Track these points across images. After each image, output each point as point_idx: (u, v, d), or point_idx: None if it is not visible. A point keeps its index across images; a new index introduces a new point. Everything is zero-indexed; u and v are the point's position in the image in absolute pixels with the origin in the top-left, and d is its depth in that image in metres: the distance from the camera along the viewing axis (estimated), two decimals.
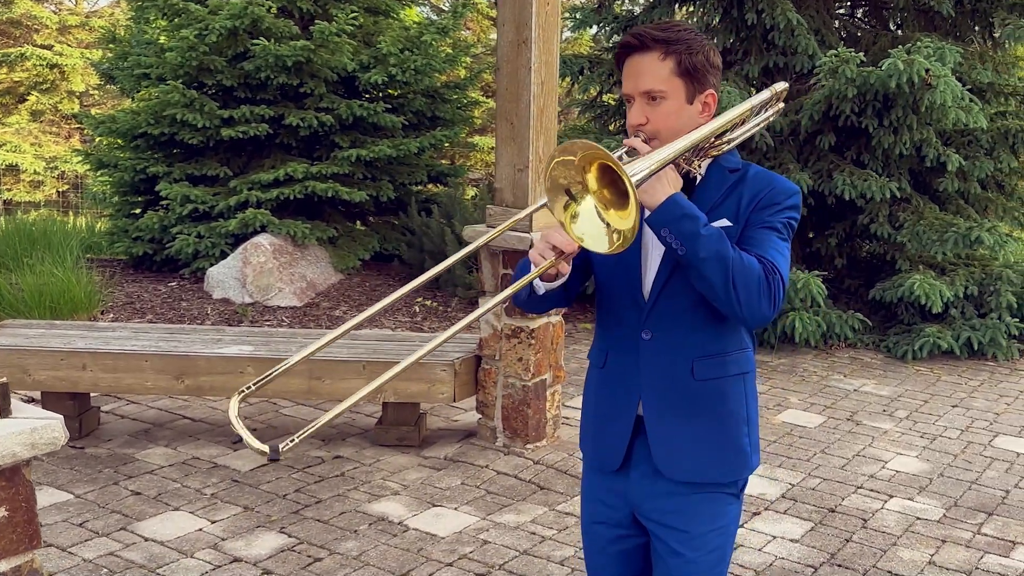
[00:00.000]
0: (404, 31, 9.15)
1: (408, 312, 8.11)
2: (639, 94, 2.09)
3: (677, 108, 2.09)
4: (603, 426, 2.28)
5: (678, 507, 2.20)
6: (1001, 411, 6.04)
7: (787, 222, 2.13)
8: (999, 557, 4.12)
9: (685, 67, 2.07)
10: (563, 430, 5.36)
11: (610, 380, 2.25)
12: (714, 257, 1.97)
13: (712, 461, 2.19)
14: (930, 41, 6.50)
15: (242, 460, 4.89)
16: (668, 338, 2.16)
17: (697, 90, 2.11)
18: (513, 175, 4.96)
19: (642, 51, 2.08)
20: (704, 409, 2.18)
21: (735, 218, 2.12)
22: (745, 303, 2.00)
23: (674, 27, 2.10)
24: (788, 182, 2.19)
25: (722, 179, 2.17)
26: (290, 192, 8.50)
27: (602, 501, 2.32)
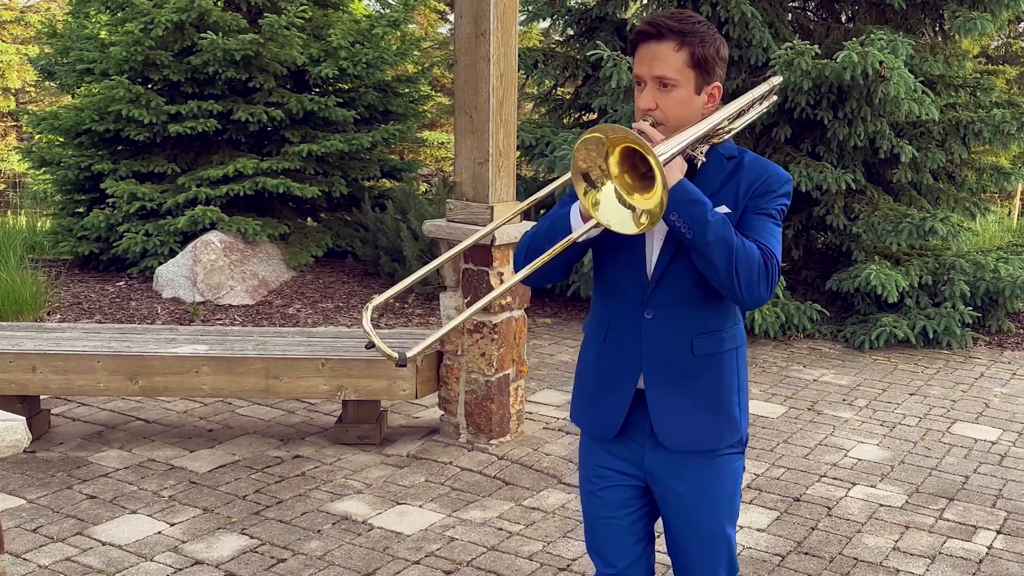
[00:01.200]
0: (354, 24, 9.05)
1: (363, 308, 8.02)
2: (651, 78, 2.18)
3: (686, 97, 2.19)
4: (601, 397, 2.38)
5: (688, 471, 2.33)
6: (958, 398, 6.11)
7: (780, 209, 2.27)
8: (961, 541, 4.16)
9: (697, 59, 2.16)
10: (527, 425, 5.32)
11: (610, 354, 2.35)
12: (720, 242, 2.08)
13: (708, 429, 2.32)
14: (883, 34, 6.56)
15: (199, 461, 4.78)
16: (669, 317, 2.27)
17: (705, 81, 2.20)
18: (473, 168, 4.90)
19: (658, 39, 2.17)
20: (701, 383, 2.30)
21: (734, 204, 2.23)
22: (746, 286, 2.12)
23: (689, 19, 2.19)
24: (781, 170, 2.30)
25: (720, 166, 2.27)
26: (240, 188, 8.36)
27: (611, 469, 2.40)
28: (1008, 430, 5.55)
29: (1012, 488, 4.73)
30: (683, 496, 2.35)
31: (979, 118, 7.14)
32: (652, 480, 2.38)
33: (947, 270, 7.09)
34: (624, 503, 2.42)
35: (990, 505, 4.53)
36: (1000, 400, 6.10)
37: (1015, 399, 6.13)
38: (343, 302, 8.21)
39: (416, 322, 7.71)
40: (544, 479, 4.69)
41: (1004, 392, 6.27)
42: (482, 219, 4.86)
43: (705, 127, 2.16)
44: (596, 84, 8.20)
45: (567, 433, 5.28)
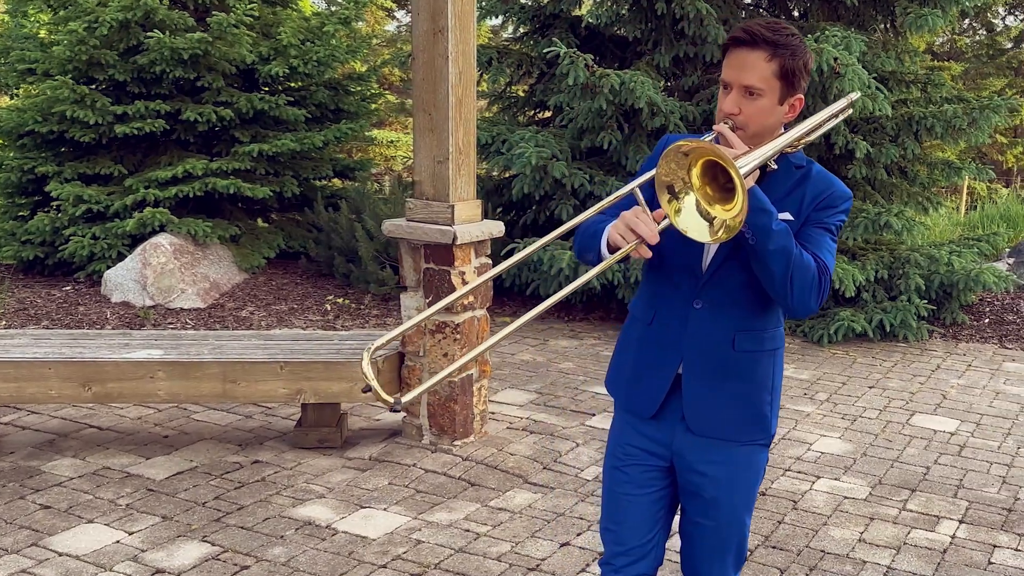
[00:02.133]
0: (304, 22, 8.93)
1: (319, 311, 7.92)
2: (739, 86, 2.22)
3: (770, 107, 2.24)
4: (642, 377, 2.44)
5: (717, 456, 2.39)
6: (916, 390, 6.18)
7: (839, 224, 2.34)
8: (925, 532, 4.20)
9: (786, 70, 2.21)
10: (491, 425, 5.28)
11: (655, 338, 2.42)
12: (780, 251, 2.15)
13: (736, 423, 2.38)
14: (837, 30, 6.61)
15: (156, 468, 4.67)
16: (717, 310, 2.34)
17: (790, 93, 2.26)
18: (433, 167, 4.84)
19: (751, 47, 2.21)
20: (737, 377, 2.36)
21: (797, 214, 2.29)
22: (798, 296, 2.20)
23: (783, 30, 2.23)
24: (844, 187, 2.37)
25: (789, 174, 2.32)
26: (189, 190, 8.22)
27: (640, 448, 2.46)
28: (966, 421, 5.62)
29: (972, 478, 4.79)
30: (706, 478, 2.41)
31: (931, 113, 7.23)
32: (678, 460, 2.44)
33: (902, 264, 7.17)
34: (647, 482, 2.47)
35: (951, 495, 4.58)
36: (957, 392, 6.18)
37: (971, 390, 6.21)
38: (297, 304, 8.10)
39: (373, 323, 7.62)
40: (510, 479, 4.64)
41: (960, 384, 6.35)
42: (443, 218, 4.80)
43: (785, 141, 2.23)
44: (551, 81, 8.17)
45: (531, 433, 5.25)
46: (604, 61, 7.97)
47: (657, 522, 2.50)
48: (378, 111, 10.43)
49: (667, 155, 2.05)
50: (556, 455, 4.94)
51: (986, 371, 6.65)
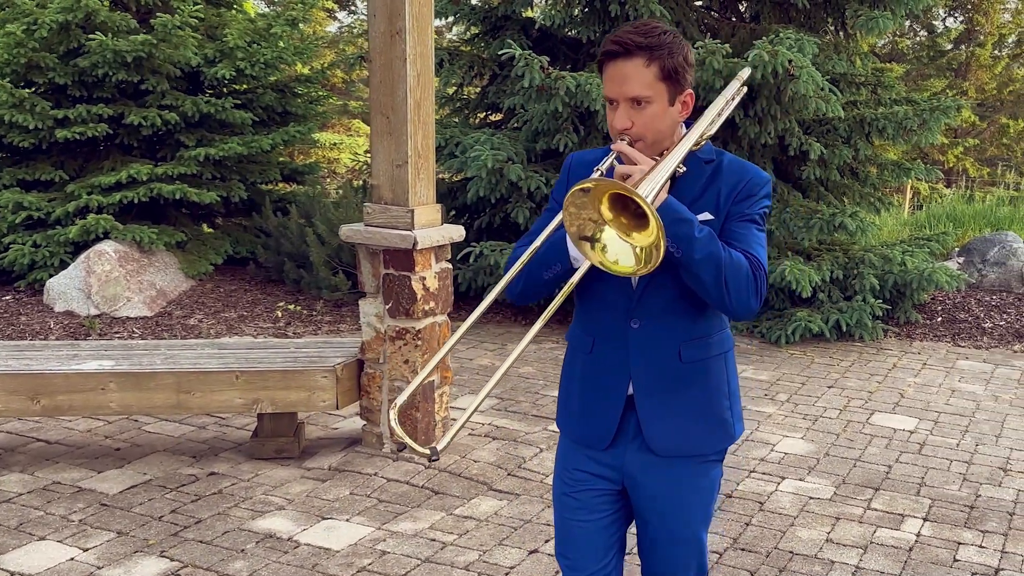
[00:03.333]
0: (250, 23, 8.77)
1: (270, 318, 7.77)
2: (625, 99, 2.14)
3: (661, 111, 2.15)
4: (592, 407, 2.35)
5: (668, 476, 2.31)
6: (874, 389, 6.22)
7: (763, 212, 2.25)
8: (891, 531, 4.21)
9: (668, 71, 2.12)
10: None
11: (599, 365, 2.32)
12: (708, 258, 2.06)
13: (699, 435, 2.31)
14: (791, 33, 6.65)
15: (108, 482, 4.53)
16: (656, 326, 2.25)
17: (678, 91, 2.17)
18: (391, 171, 4.76)
19: (626, 57, 2.12)
20: (690, 388, 2.28)
21: (716, 211, 2.20)
22: (735, 299, 2.11)
23: (653, 30, 2.14)
24: (760, 171, 2.28)
25: (700, 171, 2.23)
26: (134, 195, 8.03)
27: (590, 474, 2.37)
28: (924, 419, 5.67)
29: (933, 476, 4.82)
30: (661, 501, 2.33)
31: (882, 115, 7.30)
32: (631, 484, 2.36)
33: (856, 264, 7.24)
34: (599, 507, 2.39)
35: (914, 493, 4.60)
36: (914, 390, 6.23)
37: (927, 388, 6.27)
38: (247, 311, 7.94)
39: (326, 329, 7.50)
40: (474, 486, 4.57)
41: (917, 382, 6.41)
42: (402, 223, 4.72)
43: (688, 144, 2.15)
44: (504, 83, 8.13)
45: (494, 439, 5.18)
46: (557, 63, 7.94)
47: (612, 546, 2.43)
48: (325, 114, 10.28)
49: (568, 203, 1.96)
50: (520, 461, 4.88)
51: (941, 369, 6.73)
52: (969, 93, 20.02)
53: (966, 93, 19.99)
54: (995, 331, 7.63)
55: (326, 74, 9.92)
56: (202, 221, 9.32)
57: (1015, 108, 20.43)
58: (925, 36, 20.77)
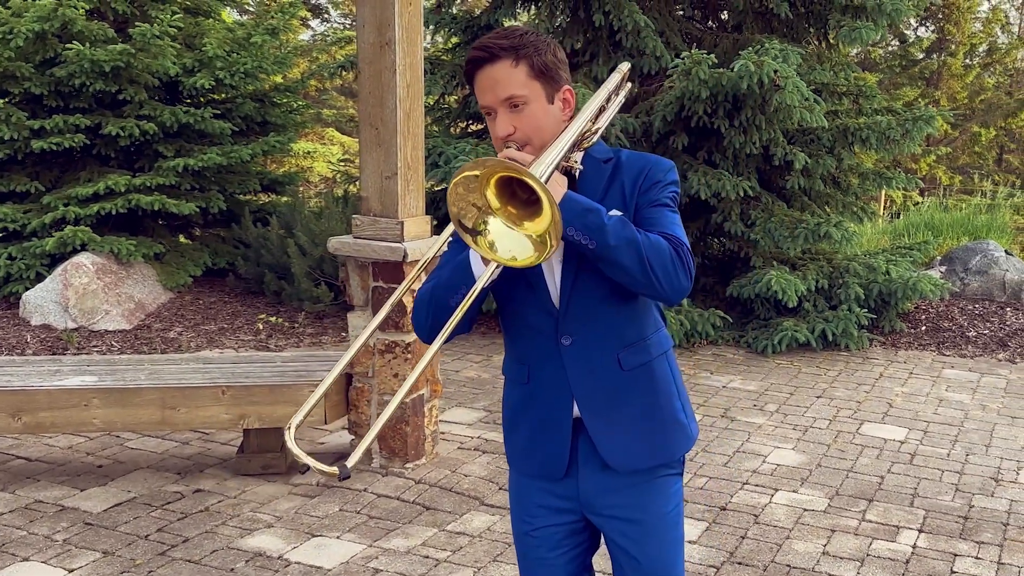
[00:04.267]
0: (229, 32, 8.68)
1: (251, 330, 7.68)
2: (500, 103, 2.06)
3: (541, 110, 2.07)
4: (540, 438, 2.24)
5: (630, 499, 2.22)
6: (862, 399, 6.22)
7: (672, 196, 2.15)
8: (887, 542, 4.19)
9: (538, 68, 2.06)
10: (442, 446, 5.15)
11: (538, 393, 2.22)
12: (624, 243, 1.96)
13: (657, 443, 2.21)
14: (776, 43, 6.65)
15: (92, 501, 4.44)
16: (588, 338, 2.15)
17: (554, 88, 2.10)
18: (381, 183, 4.71)
19: (492, 61, 2.05)
20: (637, 395, 2.18)
21: (623, 206, 2.11)
22: (664, 280, 2.00)
23: (515, 32, 2.08)
24: (661, 158, 2.18)
25: (598, 171, 2.15)
26: (111, 207, 7.92)
27: (547, 507, 2.28)
28: (914, 428, 5.67)
29: (926, 486, 4.81)
30: (623, 529, 2.24)
31: (865, 125, 7.32)
32: (590, 512, 2.26)
33: (841, 274, 7.24)
34: (560, 542, 2.30)
35: (908, 504, 4.59)
36: (902, 400, 6.24)
37: (915, 397, 6.28)
38: (227, 323, 7.85)
39: (308, 342, 7.42)
40: (466, 501, 4.52)
41: (904, 391, 6.41)
42: (392, 235, 4.67)
43: (573, 133, 2.05)
44: None
45: (484, 452, 5.13)
46: None
47: (582, 569, 2.37)
48: (306, 123, 10.20)
49: (454, 186, 1.86)
50: (500, 471, 4.83)
51: (927, 378, 6.74)
52: (941, 102, 20.22)
53: (938, 102, 20.19)
54: (979, 340, 7.67)
55: (306, 84, 9.83)
56: (179, 232, 9.21)
57: (986, 117, 20.64)
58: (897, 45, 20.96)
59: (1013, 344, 7.56)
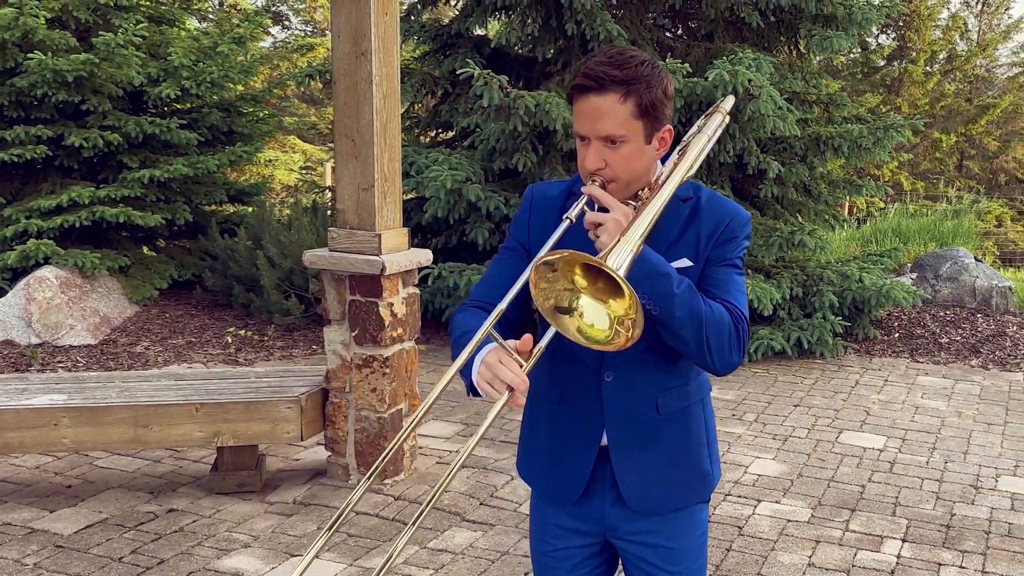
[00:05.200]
0: (195, 41, 8.56)
1: (220, 344, 7.56)
2: (597, 137, 1.93)
3: (637, 150, 1.95)
4: (560, 460, 2.18)
5: (657, 525, 2.17)
6: (839, 407, 6.22)
7: (742, 255, 2.10)
8: (871, 552, 4.18)
9: (645, 107, 1.92)
10: (420, 461, 5.07)
11: (569, 415, 2.15)
12: (688, 315, 1.89)
13: (678, 489, 2.17)
14: (749, 52, 6.66)
15: (62, 522, 4.32)
16: (630, 377, 2.09)
17: (655, 128, 1.97)
18: (357, 195, 4.63)
19: (599, 92, 1.90)
20: (669, 441, 2.14)
21: (695, 256, 2.03)
22: (717, 356, 1.95)
23: (630, 62, 1.92)
24: (740, 209, 2.10)
25: (677, 211, 2.04)
26: (75, 219, 7.78)
27: (567, 528, 2.22)
28: (892, 436, 5.68)
29: (907, 495, 4.81)
30: (649, 556, 2.19)
31: (837, 133, 7.35)
32: (614, 536, 2.21)
33: (815, 282, 7.26)
34: (578, 565, 2.25)
35: (890, 514, 4.58)
36: (879, 407, 6.25)
37: (892, 405, 6.30)
38: (195, 337, 7.72)
39: (278, 355, 7.32)
40: (447, 518, 4.45)
41: (881, 399, 6.43)
42: (369, 248, 4.60)
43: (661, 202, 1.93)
44: (457, 101, 8.03)
45: (463, 467, 5.06)
46: (510, 81, 7.87)
47: None
48: (271, 132, 10.09)
49: (536, 280, 1.78)
50: (492, 490, 4.77)
51: (903, 386, 6.76)
52: (902, 108, 20.45)
53: (899, 109, 20.42)
54: (951, 346, 7.72)
55: (272, 92, 9.72)
56: (143, 244, 9.06)
57: (947, 123, 20.91)
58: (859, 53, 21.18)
59: (985, 350, 7.62)
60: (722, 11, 7.58)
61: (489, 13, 7.86)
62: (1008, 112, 21.85)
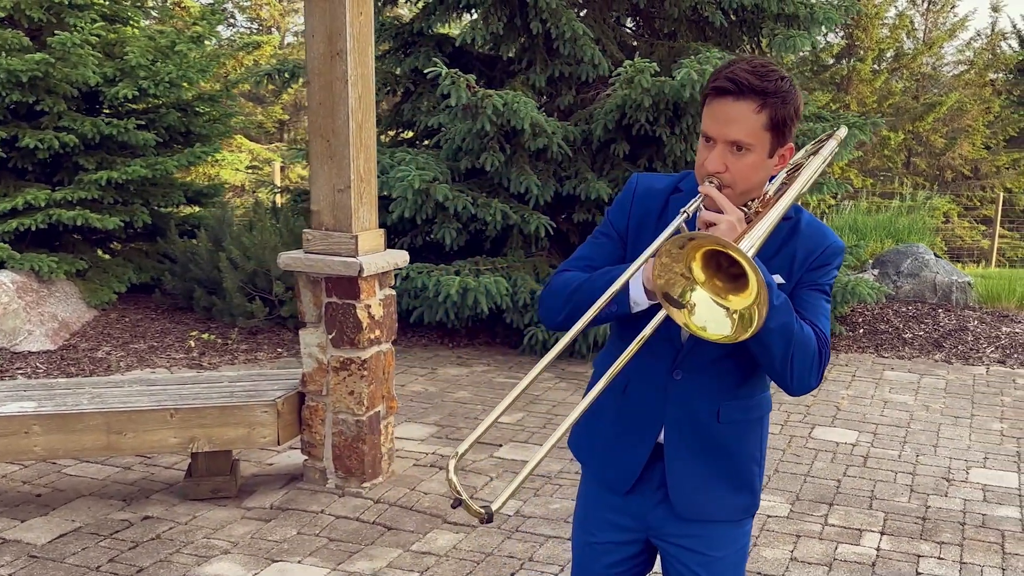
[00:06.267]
0: (151, 41, 8.42)
1: (182, 348, 7.44)
2: (725, 141, 1.97)
3: (759, 162, 1.99)
4: (618, 448, 2.23)
5: (699, 531, 2.20)
6: (810, 403, 6.28)
7: (832, 283, 2.14)
8: (851, 546, 4.23)
9: (776, 121, 1.97)
10: (397, 463, 5.04)
11: (632, 407, 2.20)
12: (781, 329, 1.93)
13: (725, 504, 2.20)
14: (715, 51, 6.69)
15: (35, 532, 4.22)
16: (699, 380, 2.13)
17: (780, 144, 2.02)
18: (333, 196, 4.58)
19: (737, 97, 1.95)
20: (724, 451, 2.17)
21: (789, 275, 2.07)
22: (798, 378, 1.99)
23: (771, 74, 1.97)
24: (837, 238, 2.14)
25: (777, 229, 2.04)
26: (31, 222, 7.61)
27: (612, 522, 2.27)
28: (863, 431, 5.75)
29: (882, 488, 4.88)
30: (689, 561, 2.22)
31: (801, 132, 7.41)
32: (655, 537, 2.25)
33: None
34: (618, 561, 2.29)
35: (867, 507, 4.64)
36: (848, 403, 6.32)
37: (861, 400, 6.38)
38: (157, 341, 7.59)
39: (243, 359, 7.22)
40: (428, 520, 4.43)
41: (850, 394, 6.51)
42: (346, 249, 4.55)
43: (783, 208, 1.98)
44: (419, 100, 7.99)
45: (441, 469, 5.04)
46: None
47: None
48: (228, 132, 9.96)
49: (663, 252, 1.82)
50: (472, 491, 4.75)
51: (870, 381, 6.85)
52: (851, 106, 20.74)
53: (848, 106, 20.71)
54: (915, 341, 7.84)
55: (231, 91, 9.59)
56: (98, 247, 8.89)
57: (895, 120, 21.24)
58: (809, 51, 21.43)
59: (948, 345, 7.76)
60: (685, 10, 7.62)
61: (452, 11, 7.82)
62: (954, 109, 22.27)
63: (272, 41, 23.05)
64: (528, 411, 5.97)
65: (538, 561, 4.03)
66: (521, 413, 5.93)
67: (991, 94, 23.85)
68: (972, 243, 19.12)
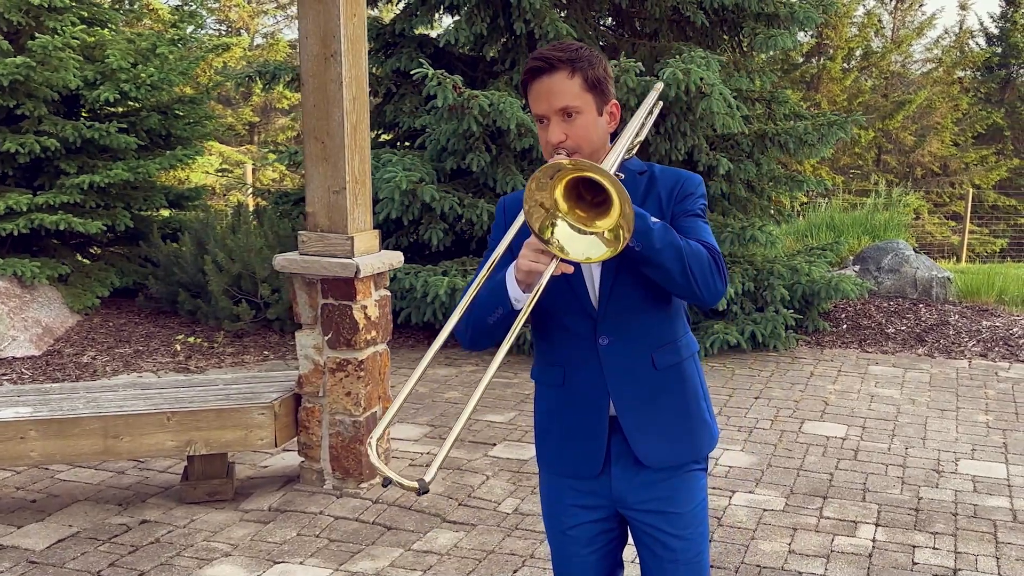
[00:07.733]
0: (131, 44, 8.37)
1: (168, 351, 7.41)
2: (555, 112, 2.17)
3: (592, 121, 2.19)
4: (574, 440, 2.33)
5: (663, 492, 2.31)
6: (798, 398, 6.35)
7: (703, 207, 2.30)
8: (847, 538, 4.29)
9: (591, 81, 2.18)
10: (393, 464, 5.05)
11: (574, 394, 2.31)
12: (668, 246, 2.07)
13: (686, 441, 2.32)
14: (699, 51, 6.75)
15: (32, 538, 4.20)
16: (625, 338, 2.25)
17: (604, 101, 2.22)
18: (328, 197, 4.60)
19: (550, 72, 2.16)
20: (670, 395, 2.30)
21: (661, 215, 2.23)
22: (703, 285, 2.12)
23: (572, 46, 2.20)
24: (692, 173, 2.33)
25: (635, 182, 2.27)
26: (12, 227, 7.55)
27: (580, 506, 2.37)
28: (852, 425, 5.82)
29: (874, 481, 4.95)
30: (658, 523, 2.33)
31: (784, 130, 7.51)
32: (623, 507, 2.35)
33: (767, 276, 7.39)
34: (593, 539, 2.40)
35: (860, 500, 4.71)
36: (836, 397, 6.39)
37: (848, 395, 6.45)
38: (142, 345, 7.56)
39: (230, 362, 7.20)
40: (428, 519, 4.44)
41: (837, 389, 6.58)
42: (342, 251, 4.57)
43: (628, 139, 2.22)
44: (402, 101, 8.00)
45: (441, 469, 5.04)
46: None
47: (613, 569, 2.47)
48: (208, 135, 9.92)
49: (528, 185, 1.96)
50: (469, 490, 4.77)
51: (856, 375, 6.93)
52: (822, 105, 20.93)
53: (819, 105, 20.89)
54: (898, 336, 7.94)
55: (211, 94, 9.56)
56: (78, 251, 8.84)
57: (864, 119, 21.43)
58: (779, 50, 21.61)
59: (930, 339, 7.86)
60: (666, 10, 7.68)
61: (434, 12, 7.84)
62: (923, 107, 22.54)
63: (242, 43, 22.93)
64: (520, 411, 6.00)
65: (539, 558, 4.06)
66: (513, 412, 5.96)
67: (959, 91, 24.15)
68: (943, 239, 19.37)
